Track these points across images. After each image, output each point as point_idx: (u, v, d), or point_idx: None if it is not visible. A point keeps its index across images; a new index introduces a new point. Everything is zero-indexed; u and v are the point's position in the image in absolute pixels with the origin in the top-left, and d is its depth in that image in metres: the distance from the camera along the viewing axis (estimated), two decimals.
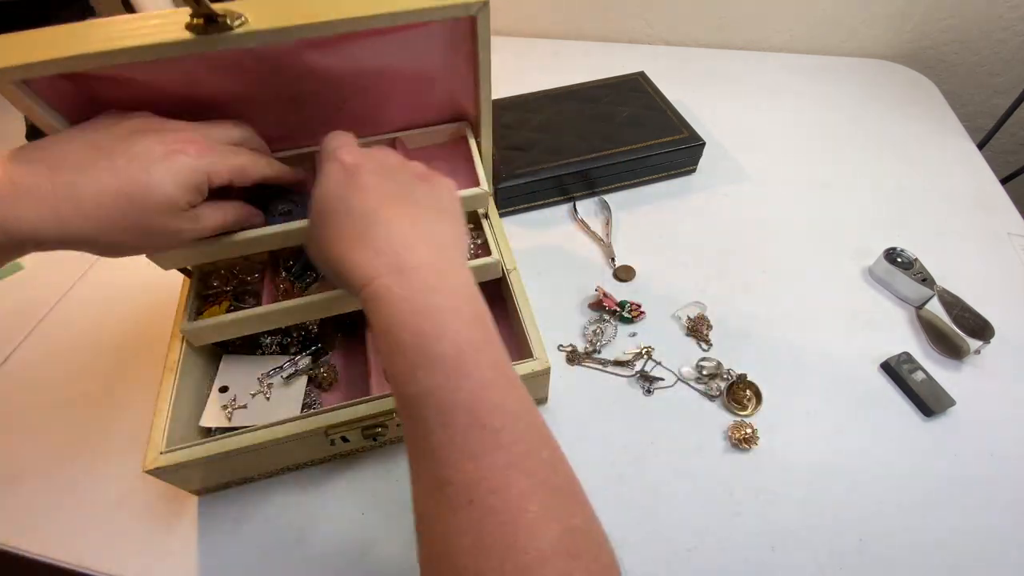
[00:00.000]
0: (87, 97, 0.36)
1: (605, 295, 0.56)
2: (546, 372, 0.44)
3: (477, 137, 0.49)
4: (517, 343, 0.49)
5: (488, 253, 0.47)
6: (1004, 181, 0.75)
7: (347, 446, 0.44)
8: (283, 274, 0.48)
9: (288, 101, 0.42)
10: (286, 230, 0.41)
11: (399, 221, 0.31)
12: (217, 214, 0.37)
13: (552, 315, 0.56)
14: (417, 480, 0.27)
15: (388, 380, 0.29)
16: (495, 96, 0.74)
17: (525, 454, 0.26)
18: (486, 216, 0.51)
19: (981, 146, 0.79)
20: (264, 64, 0.37)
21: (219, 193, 0.37)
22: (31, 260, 0.64)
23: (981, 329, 0.52)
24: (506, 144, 0.68)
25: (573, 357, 0.53)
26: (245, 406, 0.45)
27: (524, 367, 0.43)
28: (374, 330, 0.29)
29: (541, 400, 0.49)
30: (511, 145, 0.68)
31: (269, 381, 0.47)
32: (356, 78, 0.42)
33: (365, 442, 0.44)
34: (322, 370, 0.48)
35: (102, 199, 0.31)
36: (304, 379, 0.47)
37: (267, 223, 0.41)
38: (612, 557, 0.26)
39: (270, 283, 0.48)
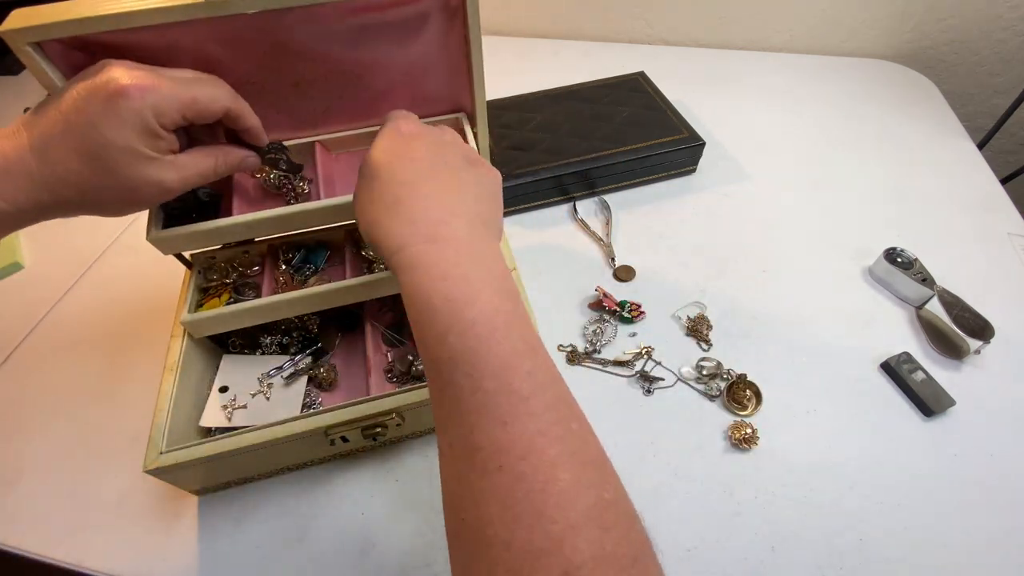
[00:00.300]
0: None
1: (605, 295, 0.56)
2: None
3: (474, 127, 0.49)
4: None
5: None
6: (1004, 181, 0.75)
7: (347, 446, 0.44)
8: (282, 267, 0.48)
9: (290, 86, 0.43)
10: (280, 214, 0.41)
11: (439, 195, 0.32)
12: (200, 158, 0.36)
13: (552, 315, 0.56)
14: (446, 448, 0.27)
15: (418, 347, 0.29)
16: (495, 96, 0.75)
17: (555, 422, 0.26)
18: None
19: (981, 146, 0.79)
20: (266, 39, 0.38)
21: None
22: (31, 260, 0.64)
23: (981, 329, 0.52)
24: (506, 144, 0.68)
25: (573, 357, 0.53)
26: (245, 406, 0.45)
27: None
28: (406, 297, 0.29)
29: None
30: (511, 145, 0.68)
31: (269, 381, 0.47)
32: (354, 65, 0.43)
33: (365, 442, 0.44)
34: (322, 370, 0.48)
35: (70, 166, 0.31)
36: (304, 379, 0.47)
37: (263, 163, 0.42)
38: (644, 534, 0.26)
39: (270, 276, 0.48)
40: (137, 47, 0.36)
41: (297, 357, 0.48)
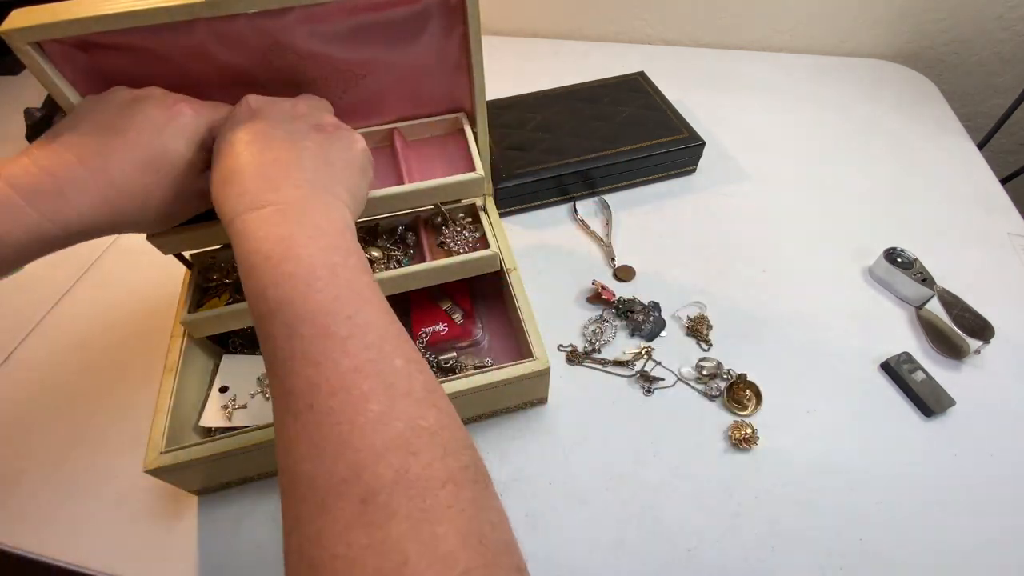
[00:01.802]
0: (100, 71, 0.37)
1: (603, 288, 0.56)
2: (546, 372, 0.44)
3: (474, 127, 0.50)
4: (517, 343, 0.49)
5: (487, 246, 0.48)
6: (1004, 181, 0.75)
7: None
8: None
9: (290, 86, 0.43)
10: None
11: (273, 164, 0.32)
12: None
13: (552, 315, 0.56)
14: (272, 397, 0.27)
15: (250, 309, 0.29)
16: (495, 96, 0.75)
17: (374, 360, 0.26)
18: (484, 210, 0.51)
19: (981, 146, 0.79)
20: (265, 39, 0.39)
21: None
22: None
23: (981, 329, 0.52)
24: (506, 144, 0.68)
25: (573, 357, 0.53)
26: (245, 406, 0.45)
27: (524, 367, 0.43)
28: (238, 264, 0.30)
29: (541, 400, 0.49)
30: (511, 145, 0.68)
31: (268, 381, 0.47)
32: (354, 65, 0.43)
33: None
34: None
35: (132, 177, 0.32)
36: None
37: None
38: (466, 457, 0.25)
39: None
40: (137, 48, 0.36)
41: None
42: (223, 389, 0.46)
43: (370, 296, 0.29)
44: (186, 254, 0.47)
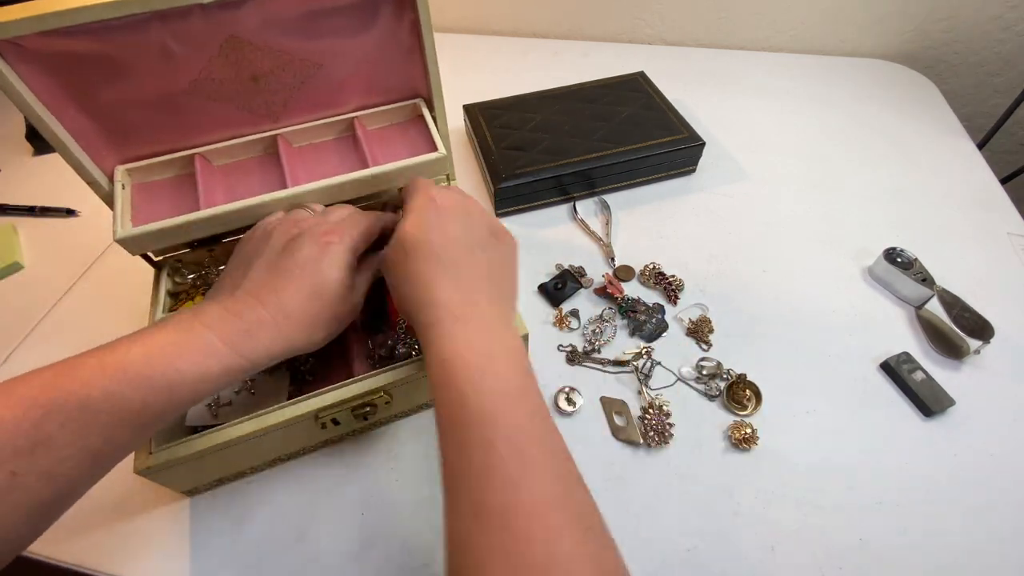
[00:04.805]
0: (61, 80, 0.39)
1: (611, 282, 0.56)
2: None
3: (432, 112, 0.51)
4: None
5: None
6: (1004, 181, 0.75)
7: (339, 429, 0.45)
8: None
9: (248, 81, 0.44)
10: (249, 204, 0.44)
11: (468, 276, 0.36)
12: (365, 275, 0.41)
13: (552, 315, 0.56)
14: (453, 505, 0.29)
15: (436, 415, 0.32)
16: (495, 96, 0.75)
17: (562, 490, 0.28)
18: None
19: (981, 146, 0.79)
20: (221, 32, 0.40)
21: None
22: (31, 260, 0.64)
23: (981, 329, 0.52)
24: (506, 144, 0.68)
25: (573, 357, 0.53)
26: (230, 403, 0.45)
27: None
28: (433, 367, 0.33)
29: None
30: (511, 145, 0.68)
31: (251, 376, 0.47)
32: (309, 55, 0.44)
33: (356, 423, 0.44)
34: (303, 366, 0.48)
35: (303, 307, 0.36)
36: (287, 371, 0.48)
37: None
38: None
39: None
40: (96, 54, 0.38)
41: None
42: None
43: (548, 421, 0.31)
44: (152, 254, 0.47)
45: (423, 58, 0.47)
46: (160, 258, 0.48)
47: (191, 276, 0.49)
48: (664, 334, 0.55)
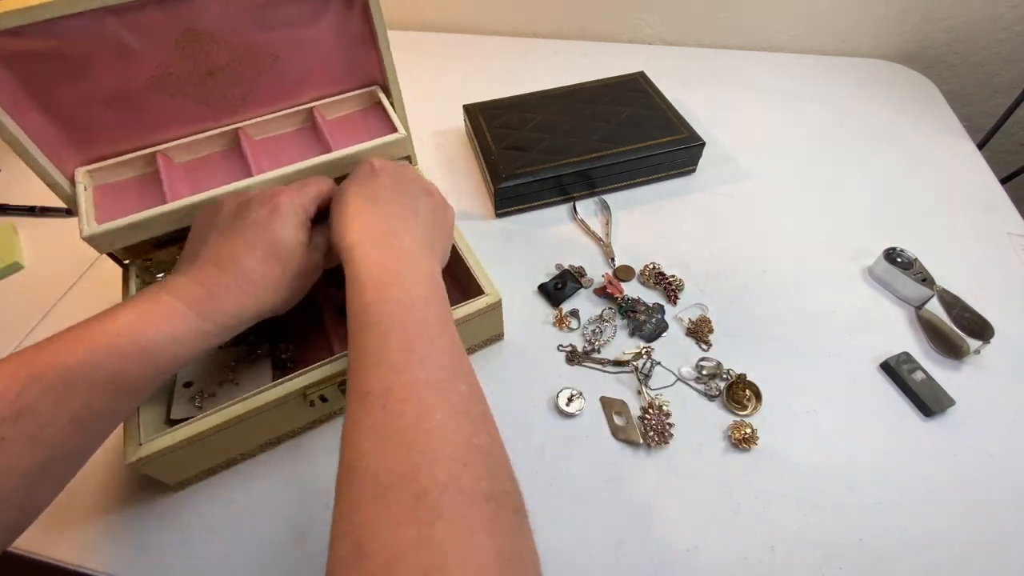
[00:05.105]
0: (22, 77, 0.39)
1: (611, 282, 0.56)
2: (498, 304, 0.47)
3: (389, 97, 0.52)
4: (466, 285, 0.51)
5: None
6: (1004, 181, 0.75)
7: (327, 407, 0.45)
8: None
9: (206, 74, 0.45)
10: (209, 197, 0.45)
11: (393, 216, 0.40)
12: (324, 233, 0.43)
13: (551, 314, 0.56)
14: (348, 396, 0.31)
15: (348, 323, 0.34)
16: (495, 96, 0.75)
17: (444, 380, 0.30)
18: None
19: (981, 146, 0.79)
20: (176, 26, 0.41)
21: None
22: (31, 260, 0.64)
23: (981, 329, 0.52)
24: (506, 144, 0.68)
25: (573, 357, 0.53)
26: (215, 394, 0.45)
27: (479, 303, 0.46)
28: (347, 283, 0.36)
29: (497, 336, 0.53)
30: (511, 145, 0.68)
31: (233, 364, 0.47)
32: (266, 47, 0.45)
33: (343, 398, 0.45)
34: (283, 354, 0.48)
35: (262, 269, 0.38)
36: (268, 360, 0.48)
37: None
38: (509, 483, 0.28)
39: None
40: (53, 49, 0.38)
41: (257, 346, 0.49)
42: (187, 384, 0.46)
43: (450, 330, 0.34)
44: (120, 253, 0.47)
45: (376, 45, 0.48)
46: (128, 260, 0.49)
47: (160, 276, 0.49)
48: (664, 334, 0.55)
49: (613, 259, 0.61)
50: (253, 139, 0.50)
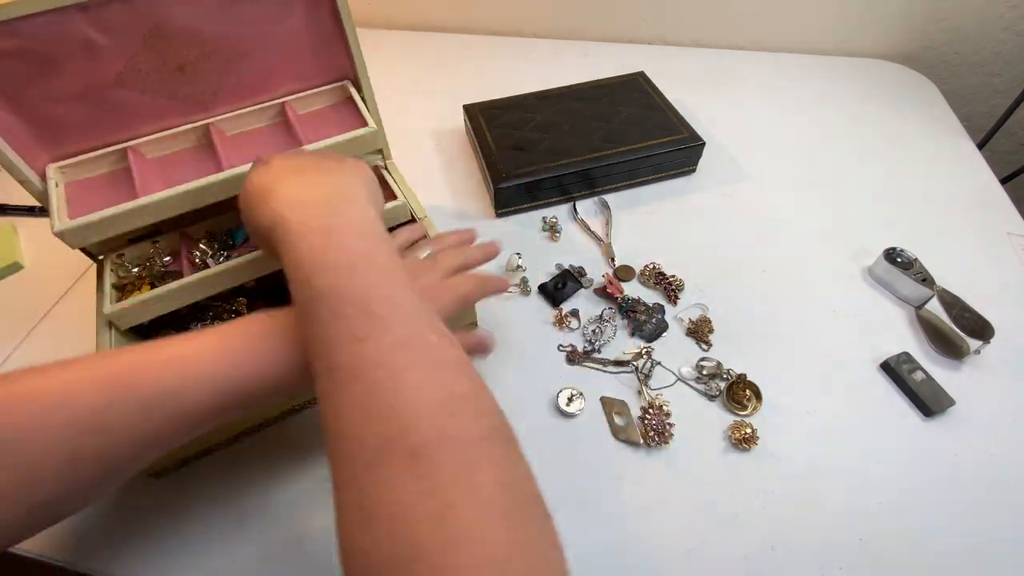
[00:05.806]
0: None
1: (611, 282, 0.56)
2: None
3: (360, 92, 0.52)
4: None
5: (394, 198, 0.51)
6: (1004, 181, 0.75)
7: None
8: (201, 246, 0.49)
9: (175, 71, 0.45)
10: (189, 189, 0.44)
11: (295, 182, 0.36)
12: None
13: (550, 315, 0.56)
14: (313, 372, 0.30)
15: (293, 306, 0.32)
16: (495, 96, 0.75)
17: (410, 335, 0.29)
18: (386, 169, 0.54)
19: (981, 146, 0.79)
20: (143, 23, 0.41)
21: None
22: (31, 260, 0.64)
23: (981, 329, 0.52)
24: (506, 144, 0.68)
25: (573, 357, 0.53)
26: None
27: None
28: (283, 266, 0.33)
29: (471, 325, 0.53)
30: (511, 145, 0.68)
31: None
32: (235, 43, 0.45)
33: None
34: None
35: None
36: None
37: None
38: (496, 420, 0.29)
39: (188, 260, 0.48)
40: (20, 47, 0.38)
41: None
42: None
43: (403, 280, 0.32)
44: (93, 247, 0.47)
45: (345, 39, 0.48)
46: (101, 256, 0.48)
47: (135, 269, 0.49)
48: (664, 334, 0.55)
49: (613, 259, 0.61)
50: (225, 135, 0.50)
